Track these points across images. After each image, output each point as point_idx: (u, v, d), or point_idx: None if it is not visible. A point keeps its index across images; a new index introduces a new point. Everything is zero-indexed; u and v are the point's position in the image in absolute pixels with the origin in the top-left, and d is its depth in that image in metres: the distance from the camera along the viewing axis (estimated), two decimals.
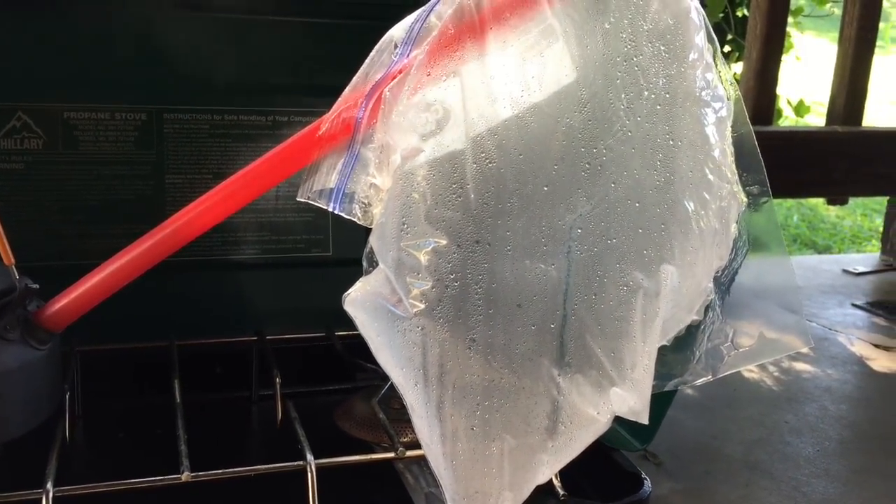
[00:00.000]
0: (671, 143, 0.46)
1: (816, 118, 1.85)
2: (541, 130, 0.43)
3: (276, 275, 0.76)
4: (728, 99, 0.49)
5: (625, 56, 0.44)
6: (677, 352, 0.50)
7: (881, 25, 1.54)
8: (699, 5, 0.45)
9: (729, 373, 0.51)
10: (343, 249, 0.77)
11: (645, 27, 0.45)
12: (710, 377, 0.51)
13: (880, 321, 1.21)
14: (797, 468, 0.77)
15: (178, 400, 0.58)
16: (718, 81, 0.49)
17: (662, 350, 0.47)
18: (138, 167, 0.71)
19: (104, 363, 0.67)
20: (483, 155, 0.42)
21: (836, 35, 1.40)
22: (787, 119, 2.21)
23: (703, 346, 0.51)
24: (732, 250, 0.51)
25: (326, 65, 0.75)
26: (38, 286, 0.51)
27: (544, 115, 0.43)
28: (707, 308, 0.51)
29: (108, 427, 0.65)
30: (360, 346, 0.42)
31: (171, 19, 0.71)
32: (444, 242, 0.41)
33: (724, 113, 0.50)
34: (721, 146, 0.50)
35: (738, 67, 1.80)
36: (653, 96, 0.45)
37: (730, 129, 0.50)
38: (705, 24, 0.46)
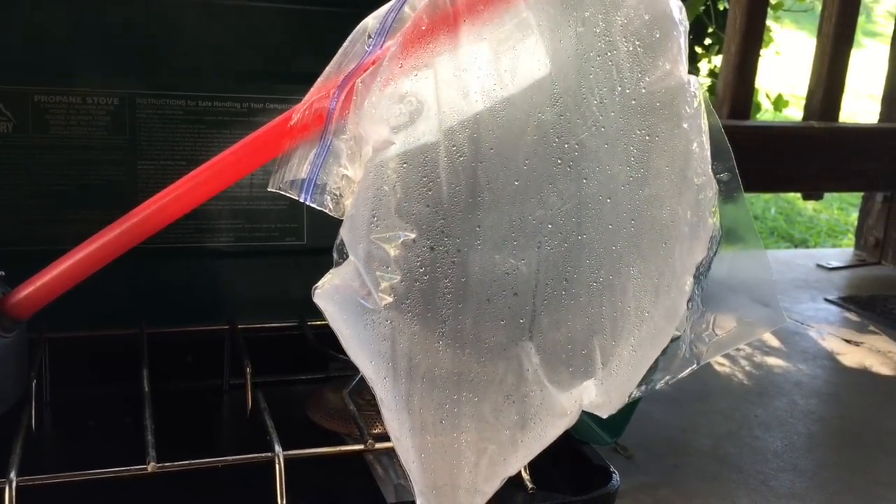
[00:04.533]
0: (647, 138, 0.46)
1: (797, 111, 1.86)
2: (513, 124, 0.42)
3: (249, 263, 0.75)
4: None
5: (599, 51, 0.44)
6: (666, 352, 0.51)
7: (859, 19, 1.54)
8: (680, 3, 0.45)
9: (712, 358, 0.52)
10: (317, 238, 0.76)
11: (620, 22, 0.44)
12: (695, 365, 0.52)
13: (852, 316, 1.23)
14: (765, 462, 0.78)
15: (147, 389, 0.58)
16: (692, 76, 0.49)
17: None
18: (110, 152, 0.70)
19: (74, 350, 0.66)
20: (454, 148, 0.41)
21: (815, 28, 1.41)
22: (767, 112, 2.22)
23: (687, 338, 0.51)
24: (709, 241, 0.52)
25: (303, 52, 0.74)
26: (3, 273, 0.50)
27: (516, 109, 0.42)
28: (688, 302, 0.51)
29: (77, 415, 0.65)
30: (332, 336, 0.42)
31: (145, 3, 0.70)
32: (413, 236, 0.41)
33: (698, 106, 0.49)
34: (698, 139, 0.50)
35: (718, 60, 1.80)
36: (627, 91, 0.45)
37: (705, 121, 0.50)
38: (684, 21, 0.46)
